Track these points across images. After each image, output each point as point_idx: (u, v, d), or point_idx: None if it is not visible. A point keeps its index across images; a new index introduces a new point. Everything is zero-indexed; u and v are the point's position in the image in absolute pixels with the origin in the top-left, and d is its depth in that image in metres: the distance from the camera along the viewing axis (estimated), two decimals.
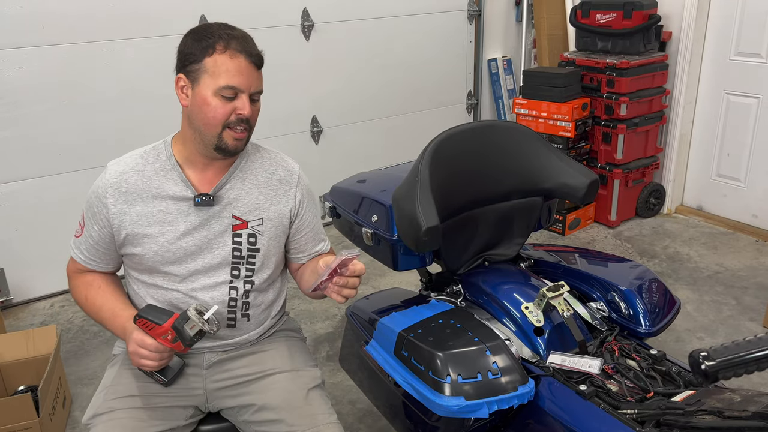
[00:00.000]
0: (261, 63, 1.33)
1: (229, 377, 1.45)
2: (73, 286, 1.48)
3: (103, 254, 1.43)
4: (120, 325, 1.36)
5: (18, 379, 2.28)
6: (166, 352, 1.31)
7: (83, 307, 1.46)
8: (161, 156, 1.39)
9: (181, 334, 1.27)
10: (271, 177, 1.45)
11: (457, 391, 1.23)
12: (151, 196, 1.36)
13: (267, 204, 1.43)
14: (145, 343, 1.28)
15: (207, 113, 1.29)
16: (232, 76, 1.27)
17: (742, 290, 2.97)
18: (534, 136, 1.69)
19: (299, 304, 2.92)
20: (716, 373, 0.93)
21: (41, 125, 2.95)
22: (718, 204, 3.77)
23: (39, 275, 3.11)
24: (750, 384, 2.29)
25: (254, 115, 1.35)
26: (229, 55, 1.27)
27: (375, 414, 2.18)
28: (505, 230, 1.73)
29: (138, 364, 1.31)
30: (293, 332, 1.61)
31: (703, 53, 3.65)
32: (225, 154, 1.35)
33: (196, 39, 1.29)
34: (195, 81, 1.30)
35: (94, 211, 1.38)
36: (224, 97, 1.28)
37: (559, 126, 3.50)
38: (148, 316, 1.29)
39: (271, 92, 3.53)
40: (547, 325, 1.43)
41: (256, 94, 1.34)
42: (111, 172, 1.38)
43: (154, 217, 1.36)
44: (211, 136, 1.31)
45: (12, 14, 2.77)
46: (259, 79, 1.33)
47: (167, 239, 1.37)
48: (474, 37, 4.22)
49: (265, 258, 1.45)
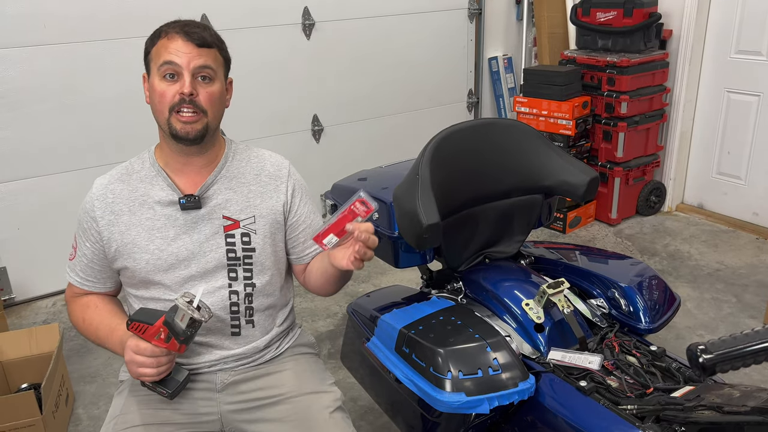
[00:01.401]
0: (203, 42, 1.28)
1: (244, 399, 1.40)
2: (71, 311, 1.44)
3: (99, 272, 1.40)
4: (117, 339, 1.32)
5: (21, 377, 2.29)
6: (163, 356, 1.24)
7: (81, 330, 1.41)
8: (145, 164, 1.38)
9: (173, 327, 1.20)
10: (259, 173, 1.42)
11: (457, 387, 1.24)
12: (137, 204, 1.34)
13: (258, 201, 1.39)
14: (139, 348, 1.22)
15: (155, 99, 1.29)
16: (168, 54, 1.26)
17: (743, 288, 2.97)
18: (534, 133, 1.69)
19: (301, 302, 2.93)
20: (714, 366, 0.94)
21: (42, 125, 2.96)
22: (719, 202, 3.77)
23: (41, 274, 3.12)
24: (749, 380, 2.29)
25: (207, 98, 1.28)
26: (168, 38, 1.28)
27: (376, 411, 2.19)
28: (505, 228, 1.74)
29: (136, 374, 1.25)
30: (307, 347, 1.56)
31: (703, 51, 3.65)
32: (183, 142, 1.29)
33: (150, 36, 1.33)
34: (149, 73, 1.32)
35: (84, 227, 1.37)
36: (167, 78, 1.27)
37: (559, 124, 3.50)
38: (139, 319, 1.24)
39: (272, 91, 3.56)
40: (548, 321, 1.44)
41: (202, 72, 1.27)
42: (97, 186, 1.38)
43: (142, 225, 1.34)
44: (164, 123, 1.29)
45: (13, 14, 2.78)
46: (202, 56, 1.27)
47: (157, 246, 1.33)
48: (475, 36, 4.22)
49: (263, 257, 1.39)
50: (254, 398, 1.40)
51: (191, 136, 1.29)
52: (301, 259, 1.49)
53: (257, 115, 3.45)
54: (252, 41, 3.34)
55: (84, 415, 2.33)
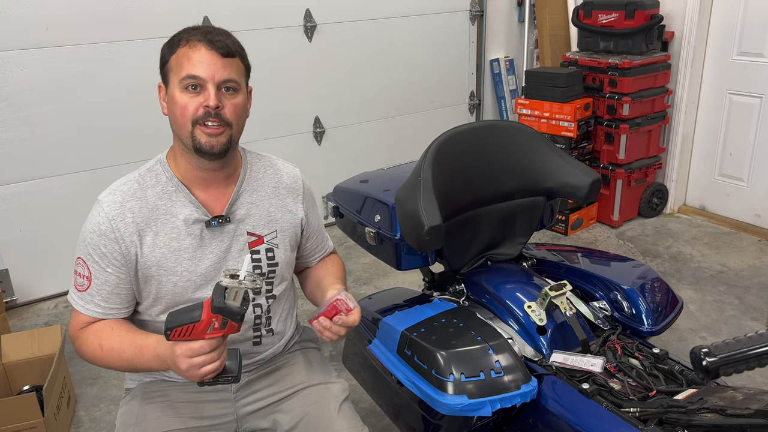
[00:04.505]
0: (228, 51, 1.21)
1: (258, 399, 1.40)
2: (82, 344, 1.28)
3: (126, 297, 1.28)
4: (151, 354, 1.19)
5: (23, 379, 2.29)
6: (222, 346, 1.13)
7: (99, 358, 1.26)
8: (160, 177, 1.28)
9: (228, 310, 1.07)
10: (277, 186, 1.39)
11: (460, 390, 1.24)
12: (160, 223, 1.25)
13: (279, 215, 1.38)
14: (194, 350, 1.10)
15: (176, 112, 1.21)
16: (192, 66, 1.19)
17: (745, 290, 2.96)
18: (536, 135, 1.69)
19: (302, 304, 2.92)
20: (717, 369, 0.94)
21: (45, 126, 2.96)
22: (721, 204, 3.77)
23: (43, 276, 3.12)
24: (753, 383, 2.28)
25: (232, 110, 1.22)
26: (190, 47, 1.20)
27: (378, 413, 2.19)
28: (507, 230, 1.73)
29: (199, 375, 1.12)
30: (311, 342, 1.57)
31: (705, 53, 3.65)
32: (206, 156, 1.23)
33: (167, 43, 1.25)
34: (167, 84, 1.24)
35: (103, 252, 1.24)
36: (189, 90, 1.19)
37: (561, 126, 3.50)
38: (179, 323, 1.10)
39: (274, 93, 3.56)
40: (550, 324, 1.43)
41: (227, 84, 1.22)
42: (109, 204, 1.24)
43: (168, 246, 1.25)
44: (186, 137, 1.21)
45: (16, 16, 2.79)
46: (226, 68, 1.21)
47: (185, 268, 1.27)
48: (476, 38, 4.23)
49: (284, 269, 1.40)
50: (268, 395, 1.41)
51: (216, 150, 1.22)
52: (308, 263, 1.55)
53: (259, 117, 3.43)
54: (254, 43, 3.30)
55: (86, 417, 2.33)
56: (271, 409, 1.40)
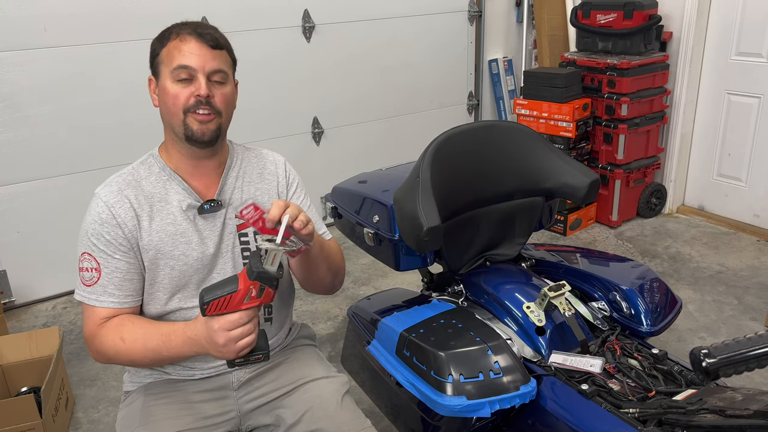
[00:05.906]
0: (216, 43, 1.28)
1: (261, 395, 1.41)
2: (101, 341, 1.25)
3: (138, 283, 1.30)
4: (181, 338, 1.20)
5: (21, 381, 2.28)
6: (256, 318, 1.14)
7: (122, 353, 1.24)
8: (153, 168, 1.34)
9: (267, 274, 1.07)
10: (262, 171, 1.45)
11: (459, 391, 1.24)
12: (155, 209, 1.31)
13: (265, 198, 1.43)
14: (233, 322, 1.11)
15: (168, 102, 1.27)
16: (183, 57, 1.25)
17: (744, 290, 2.96)
18: (534, 135, 1.69)
19: (301, 305, 2.92)
20: (717, 371, 0.94)
21: (43, 127, 2.96)
22: (720, 204, 3.77)
23: (41, 277, 3.11)
24: (752, 383, 2.28)
25: (222, 99, 1.29)
26: (180, 40, 1.26)
27: (377, 414, 2.18)
28: (506, 230, 1.73)
29: (236, 350, 1.13)
30: (308, 339, 1.60)
31: (703, 53, 3.65)
32: (197, 144, 1.28)
33: (158, 38, 1.31)
34: (158, 76, 1.30)
35: (107, 240, 1.27)
36: (181, 81, 1.25)
37: (560, 126, 3.50)
38: (215, 296, 1.09)
39: (272, 93, 3.56)
40: (549, 324, 1.43)
41: (216, 75, 1.28)
42: (106, 194, 1.29)
43: (164, 231, 1.30)
44: (178, 125, 1.27)
45: (14, 17, 2.78)
46: (216, 59, 1.27)
47: (182, 252, 1.31)
48: (475, 38, 4.23)
49: None
50: (270, 390, 1.42)
51: (206, 138, 1.28)
52: None
53: (257, 118, 3.45)
54: (252, 44, 3.34)
55: (84, 419, 2.32)
56: (273, 404, 1.41)
